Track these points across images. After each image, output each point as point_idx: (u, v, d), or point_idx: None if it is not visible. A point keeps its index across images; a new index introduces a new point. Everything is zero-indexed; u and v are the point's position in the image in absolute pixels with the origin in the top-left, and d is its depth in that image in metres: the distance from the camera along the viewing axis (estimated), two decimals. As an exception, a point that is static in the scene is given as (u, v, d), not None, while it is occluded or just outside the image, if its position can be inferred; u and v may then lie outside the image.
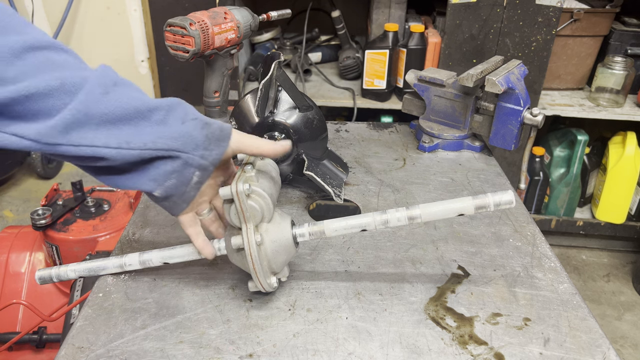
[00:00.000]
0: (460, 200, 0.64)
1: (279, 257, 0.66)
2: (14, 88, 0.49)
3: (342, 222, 0.66)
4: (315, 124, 0.91)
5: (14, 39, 0.50)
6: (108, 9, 2.41)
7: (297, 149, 0.91)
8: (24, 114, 0.51)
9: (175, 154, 0.58)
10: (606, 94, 1.95)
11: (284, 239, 0.65)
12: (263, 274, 0.64)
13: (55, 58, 0.52)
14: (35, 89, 0.50)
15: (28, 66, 0.50)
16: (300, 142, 0.91)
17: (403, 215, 0.64)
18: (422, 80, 1.12)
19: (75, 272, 0.73)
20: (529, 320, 0.67)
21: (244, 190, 0.61)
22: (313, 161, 0.92)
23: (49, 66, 0.51)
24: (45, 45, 0.52)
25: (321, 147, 0.95)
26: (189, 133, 0.58)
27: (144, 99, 0.56)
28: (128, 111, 0.54)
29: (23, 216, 2.41)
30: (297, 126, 0.90)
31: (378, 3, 1.97)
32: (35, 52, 0.51)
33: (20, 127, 0.51)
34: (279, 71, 0.87)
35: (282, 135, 0.90)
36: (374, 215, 0.65)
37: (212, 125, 0.60)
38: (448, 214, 0.64)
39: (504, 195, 0.63)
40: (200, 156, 0.59)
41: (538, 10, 1.70)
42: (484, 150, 1.13)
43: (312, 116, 0.91)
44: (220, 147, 0.61)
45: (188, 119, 0.59)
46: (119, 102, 0.54)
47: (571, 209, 2.18)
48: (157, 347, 0.62)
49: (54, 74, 0.51)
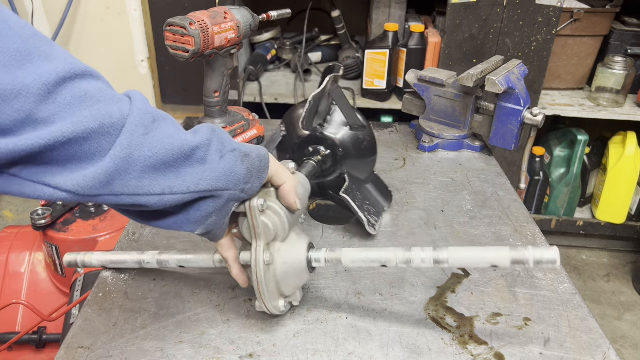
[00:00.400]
0: (495, 250, 0.56)
1: (289, 280, 0.62)
2: (47, 132, 0.42)
3: (362, 254, 0.62)
4: (364, 145, 0.86)
5: (45, 69, 0.42)
6: (108, 9, 2.41)
7: (342, 167, 0.86)
8: (58, 161, 0.44)
9: (217, 194, 0.55)
10: (606, 93, 1.95)
11: (297, 261, 0.62)
12: (269, 295, 0.61)
13: (89, 89, 0.45)
14: (73, 133, 0.43)
15: (63, 104, 0.43)
16: (345, 160, 0.85)
17: (429, 257, 0.59)
18: (422, 80, 1.12)
19: (98, 262, 0.75)
20: (529, 320, 0.67)
21: (257, 205, 0.58)
22: (355, 183, 0.86)
23: (85, 101, 0.44)
24: (79, 73, 0.45)
25: (367, 169, 0.89)
26: (231, 169, 0.55)
27: (183, 137, 0.51)
28: (171, 154, 0.50)
29: (23, 216, 2.41)
30: (345, 144, 0.84)
31: (378, 3, 1.97)
32: (69, 85, 0.44)
33: (54, 177, 0.44)
34: (333, 85, 0.82)
35: (328, 151, 0.85)
36: (396, 251, 0.60)
37: (250, 156, 0.57)
38: (480, 263, 0.57)
39: (547, 253, 0.54)
40: (241, 190, 0.57)
41: (538, 10, 1.70)
42: (484, 150, 1.13)
43: (363, 136, 0.85)
44: (261, 179, 0.59)
45: (226, 151, 0.55)
46: (161, 144, 0.49)
47: (571, 209, 2.18)
48: (157, 347, 0.62)
49: (91, 111, 0.44)
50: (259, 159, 0.58)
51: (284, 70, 2.18)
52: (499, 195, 0.96)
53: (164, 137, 0.49)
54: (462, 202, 0.93)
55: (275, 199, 0.61)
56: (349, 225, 0.86)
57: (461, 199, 0.94)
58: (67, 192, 0.45)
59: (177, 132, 0.51)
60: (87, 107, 0.44)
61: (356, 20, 2.29)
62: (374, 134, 0.87)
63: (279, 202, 0.61)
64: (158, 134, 0.49)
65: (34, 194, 0.45)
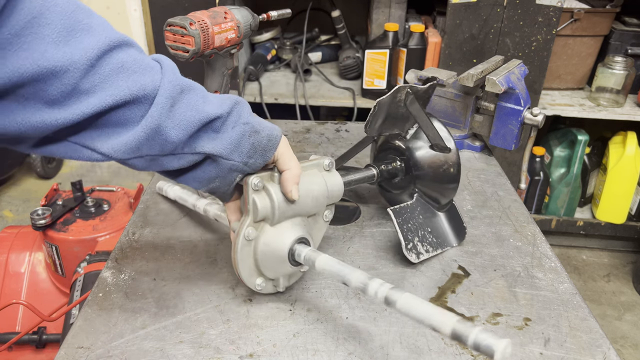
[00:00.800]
0: (443, 315, 0.50)
1: (267, 263, 0.65)
2: (90, 103, 0.47)
3: (332, 267, 0.60)
4: (444, 168, 0.79)
5: (88, 43, 0.47)
6: (108, 9, 2.41)
7: (415, 185, 0.81)
8: (97, 127, 0.50)
9: (220, 161, 0.59)
10: (606, 93, 1.95)
11: (278, 248, 0.64)
12: (243, 268, 0.64)
13: (125, 59, 0.50)
14: (111, 103, 0.48)
15: (103, 76, 0.48)
16: (420, 180, 0.80)
17: (382, 293, 0.55)
18: (422, 80, 1.12)
19: (173, 194, 0.88)
20: (529, 320, 0.67)
21: (251, 183, 0.61)
22: (424, 206, 0.81)
23: (122, 72, 0.49)
24: (116, 43, 0.49)
25: (444, 195, 0.81)
26: (237, 141, 0.58)
27: (207, 109, 0.56)
28: (192, 124, 0.54)
29: (23, 216, 2.41)
30: (421, 163, 0.79)
31: (378, 3, 1.97)
32: (108, 57, 0.48)
33: (93, 141, 0.50)
34: (408, 97, 0.77)
35: (400, 164, 0.82)
36: (360, 276, 0.58)
37: (260, 133, 0.60)
38: (423, 321, 0.51)
39: (491, 342, 0.46)
40: (244, 164, 0.60)
41: (538, 10, 1.70)
42: (484, 150, 1.13)
43: (445, 160, 0.79)
44: (265, 157, 0.61)
45: (240, 122, 0.59)
46: (185, 116, 0.54)
47: (571, 209, 2.17)
48: (157, 347, 0.62)
49: (127, 82, 0.49)
50: (268, 139, 0.61)
51: (284, 70, 2.18)
52: (499, 195, 0.96)
53: (189, 110, 0.54)
54: (462, 202, 0.93)
55: (277, 184, 0.63)
56: (349, 225, 0.86)
57: (461, 199, 0.94)
58: (102, 154, 0.51)
59: (202, 103, 0.56)
60: (123, 78, 0.49)
61: (356, 20, 2.29)
62: (459, 160, 0.80)
63: (278, 187, 0.63)
64: (184, 106, 0.54)
65: (75, 155, 0.51)
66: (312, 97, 1.96)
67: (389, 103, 0.76)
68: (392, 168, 0.82)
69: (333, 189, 0.69)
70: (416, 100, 0.78)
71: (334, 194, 0.69)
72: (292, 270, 0.66)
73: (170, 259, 0.77)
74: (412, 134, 0.82)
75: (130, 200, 1.63)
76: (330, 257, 0.61)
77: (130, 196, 1.65)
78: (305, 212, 0.67)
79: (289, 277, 0.69)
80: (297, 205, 0.64)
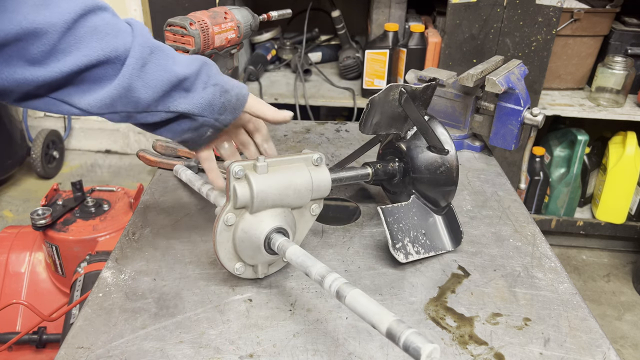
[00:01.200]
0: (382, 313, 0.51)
1: (244, 249, 0.67)
2: (67, 62, 0.53)
3: (298, 258, 0.61)
4: (441, 171, 0.79)
5: (65, 7, 0.52)
6: (108, 9, 2.42)
7: (413, 187, 0.81)
8: (74, 84, 0.55)
9: (193, 117, 0.64)
10: (606, 93, 1.95)
11: (255, 236, 0.66)
12: (222, 251, 0.67)
13: (98, 23, 0.55)
14: (86, 62, 0.53)
15: (78, 37, 0.53)
16: (417, 182, 0.80)
17: (335, 287, 0.56)
18: (422, 80, 1.12)
19: (185, 178, 0.91)
20: (529, 320, 0.67)
21: (233, 171, 0.64)
22: (420, 208, 0.80)
23: (95, 34, 0.54)
24: (91, 8, 0.54)
25: (442, 199, 0.80)
26: (209, 101, 0.64)
27: (176, 70, 0.60)
28: (162, 84, 0.59)
29: (23, 216, 2.41)
30: (419, 164, 0.80)
31: (378, 3, 1.97)
32: (83, 20, 0.53)
33: (71, 97, 0.56)
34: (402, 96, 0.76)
35: (398, 164, 0.82)
36: (320, 268, 0.59)
37: (230, 93, 0.66)
38: (365, 316, 0.52)
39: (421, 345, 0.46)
40: (215, 119, 0.66)
41: (538, 10, 1.70)
42: (484, 150, 1.13)
43: (442, 162, 0.79)
44: (234, 114, 0.68)
45: (210, 83, 0.64)
46: (155, 75, 0.59)
47: (571, 209, 2.18)
48: (157, 347, 0.62)
49: (100, 44, 0.54)
50: (237, 98, 0.67)
51: (284, 70, 2.18)
52: (499, 195, 0.96)
53: (159, 69, 0.59)
54: (462, 202, 0.93)
55: (258, 175, 0.65)
56: (349, 225, 0.86)
57: (461, 199, 0.94)
58: (80, 109, 0.57)
59: (171, 63, 0.60)
60: (97, 39, 0.54)
61: (356, 20, 2.29)
62: (458, 163, 0.79)
63: (259, 177, 0.65)
64: (154, 67, 0.59)
65: (56, 109, 0.57)
66: (312, 97, 1.96)
67: (382, 101, 0.76)
68: (390, 168, 0.82)
69: (319, 184, 0.70)
70: (411, 100, 0.77)
71: (320, 188, 0.70)
72: (269, 258, 0.68)
73: (170, 259, 0.77)
74: (411, 135, 0.82)
75: (130, 200, 1.63)
76: (300, 248, 0.63)
77: (130, 196, 1.65)
78: (287, 204, 0.68)
79: (267, 265, 0.71)
80: (277, 196, 0.66)
